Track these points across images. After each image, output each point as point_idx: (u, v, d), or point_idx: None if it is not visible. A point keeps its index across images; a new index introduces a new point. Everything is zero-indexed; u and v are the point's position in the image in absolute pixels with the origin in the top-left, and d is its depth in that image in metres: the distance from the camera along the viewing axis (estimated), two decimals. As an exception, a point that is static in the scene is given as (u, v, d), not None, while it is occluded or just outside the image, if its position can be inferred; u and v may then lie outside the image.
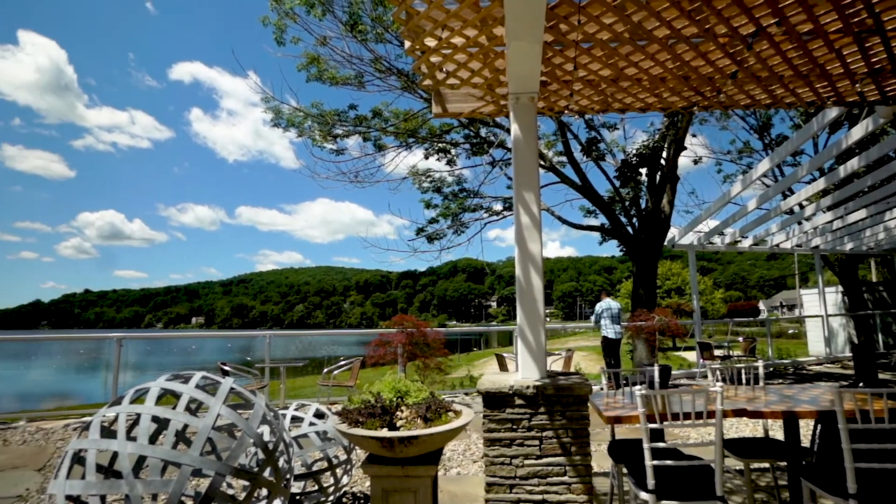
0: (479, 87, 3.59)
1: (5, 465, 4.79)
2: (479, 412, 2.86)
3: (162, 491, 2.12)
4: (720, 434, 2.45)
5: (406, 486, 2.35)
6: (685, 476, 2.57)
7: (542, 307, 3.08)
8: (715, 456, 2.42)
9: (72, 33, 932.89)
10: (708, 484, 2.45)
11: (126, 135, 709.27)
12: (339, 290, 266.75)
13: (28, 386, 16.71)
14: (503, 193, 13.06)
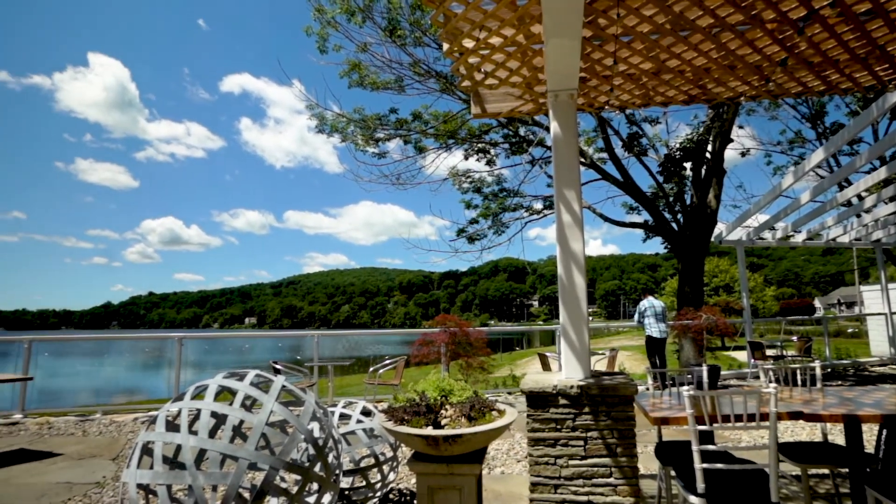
0: (517, 86, 3.55)
1: (85, 453, 5.12)
2: (523, 412, 2.83)
3: (221, 483, 2.21)
4: (774, 437, 2.32)
5: (451, 484, 2.35)
6: (737, 480, 2.45)
7: (585, 306, 3.02)
8: (769, 460, 2.30)
9: (134, 52, 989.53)
10: (762, 489, 2.33)
11: (183, 145, 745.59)
12: (382, 290, 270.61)
13: (102, 381, 17.80)
14: (543, 192, 12.93)
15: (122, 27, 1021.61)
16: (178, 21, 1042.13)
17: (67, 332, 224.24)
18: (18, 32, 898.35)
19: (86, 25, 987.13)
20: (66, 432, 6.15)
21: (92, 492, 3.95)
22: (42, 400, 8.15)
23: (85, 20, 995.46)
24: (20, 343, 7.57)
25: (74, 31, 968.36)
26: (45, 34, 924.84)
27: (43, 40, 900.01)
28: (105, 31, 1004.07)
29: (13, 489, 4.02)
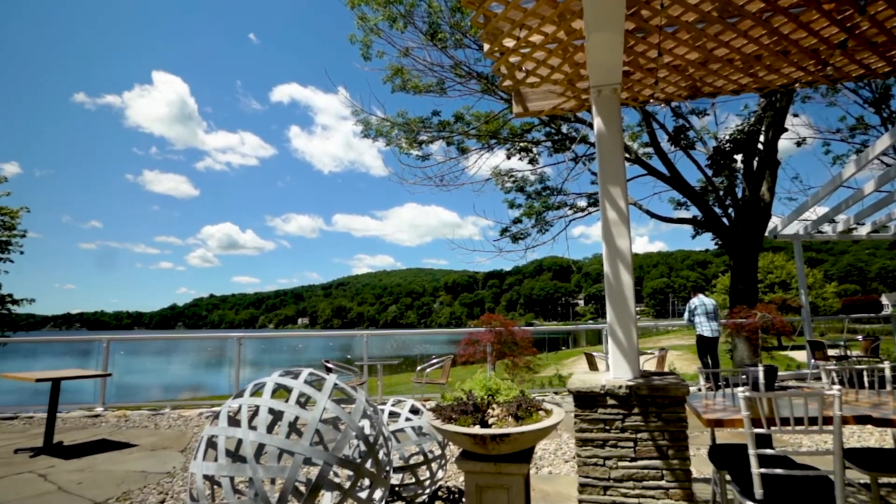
0: (559, 83, 3.49)
1: (157, 445, 5.43)
2: (570, 412, 2.78)
3: (279, 476, 2.29)
4: (839, 442, 2.16)
5: (499, 483, 2.33)
6: (798, 487, 2.30)
7: (633, 304, 2.93)
8: (834, 466, 2.15)
9: (191, 68, 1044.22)
10: (826, 497, 2.18)
11: (237, 154, 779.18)
12: (428, 290, 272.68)
13: (170, 378, 18.85)
14: (587, 189, 12.66)
15: (181, 45, 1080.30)
16: (230, 36, 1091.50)
17: (139, 332, 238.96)
18: (93, 56, 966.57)
19: (149, 46, 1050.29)
20: (140, 425, 6.54)
21: (164, 481, 4.19)
22: (119, 395, 8.71)
23: (149, 41, 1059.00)
24: (100, 342, 8.14)
25: (140, 51, 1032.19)
26: (116, 56, 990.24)
27: (113, 62, 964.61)
28: (166, 50, 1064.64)
29: (98, 475, 4.32)
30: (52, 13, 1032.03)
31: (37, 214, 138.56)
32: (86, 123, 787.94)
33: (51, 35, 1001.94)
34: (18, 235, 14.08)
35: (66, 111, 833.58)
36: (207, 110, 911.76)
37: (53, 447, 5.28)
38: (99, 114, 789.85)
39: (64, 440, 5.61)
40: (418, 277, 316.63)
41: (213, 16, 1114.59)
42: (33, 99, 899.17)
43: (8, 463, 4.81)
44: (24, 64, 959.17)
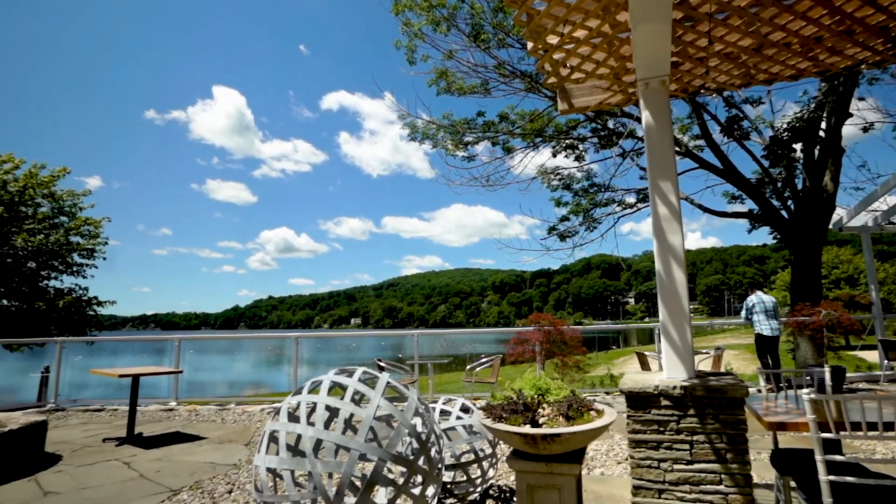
0: (604, 77, 3.41)
1: (223, 438, 5.73)
2: (622, 412, 2.70)
3: (336, 471, 2.36)
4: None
5: (550, 483, 2.30)
6: (873, 497, 2.13)
7: (687, 302, 2.81)
8: (916, 474, 1.97)
9: (247, 80, 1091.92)
10: (909, 505, 2.00)
11: (291, 161, 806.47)
12: (476, 290, 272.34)
13: (234, 375, 19.81)
14: (636, 185, 12.22)
15: (238, 59, 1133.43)
16: (282, 48, 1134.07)
17: (206, 332, 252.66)
18: (161, 76, 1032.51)
19: (210, 63, 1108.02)
20: (208, 419, 6.92)
21: (231, 472, 4.41)
22: (190, 391, 9.24)
23: (209, 58, 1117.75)
24: (172, 341, 8.68)
25: (201, 68, 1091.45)
26: (180, 74, 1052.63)
27: (178, 80, 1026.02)
28: (224, 65, 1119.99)
29: (173, 465, 4.61)
30: (123, 40, 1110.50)
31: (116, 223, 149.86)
32: (156, 138, 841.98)
33: (124, 59, 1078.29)
34: (101, 243, 15.22)
35: (139, 127, 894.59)
36: (263, 120, 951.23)
37: (135, 437, 5.68)
38: (167, 128, 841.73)
39: (143, 431, 6.02)
40: (466, 277, 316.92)
41: (266, 30, 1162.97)
42: (111, 118, 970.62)
43: (98, 451, 5.22)
44: (103, 86, 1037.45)
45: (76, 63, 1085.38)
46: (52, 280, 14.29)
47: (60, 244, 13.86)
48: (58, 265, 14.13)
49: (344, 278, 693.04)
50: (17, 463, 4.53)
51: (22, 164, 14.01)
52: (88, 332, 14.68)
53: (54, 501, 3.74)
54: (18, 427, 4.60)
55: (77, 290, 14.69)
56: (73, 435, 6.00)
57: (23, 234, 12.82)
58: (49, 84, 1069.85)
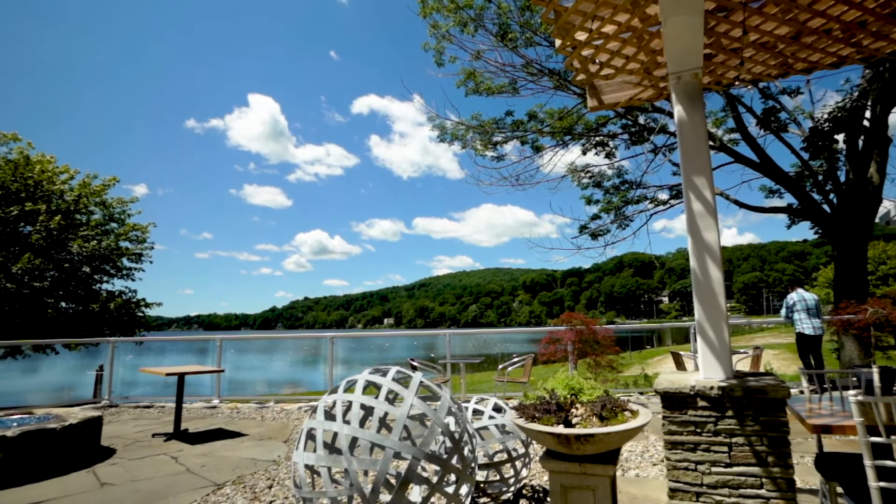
0: (635, 72, 3.33)
1: (263, 435, 5.90)
2: (657, 413, 2.64)
3: (371, 468, 2.39)
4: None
5: (584, 484, 2.27)
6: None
7: (723, 300, 2.72)
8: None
9: (281, 88, 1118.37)
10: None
11: (324, 165, 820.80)
12: (507, 290, 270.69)
13: (273, 374, 20.34)
14: (669, 181, 11.95)
15: (271, 67, 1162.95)
16: (314, 55, 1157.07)
17: (246, 332, 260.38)
18: (200, 86, 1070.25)
19: (245, 71, 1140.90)
20: (248, 416, 7.13)
21: (271, 468, 4.53)
22: (231, 389, 9.54)
23: (245, 67, 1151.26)
24: (214, 341, 8.99)
25: (237, 77, 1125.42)
26: (218, 84, 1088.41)
27: (216, 89, 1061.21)
28: (259, 73, 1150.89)
29: (217, 460, 4.78)
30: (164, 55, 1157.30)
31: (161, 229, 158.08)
32: (196, 146, 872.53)
33: (166, 71, 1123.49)
34: (148, 248, 15.90)
35: (181, 136, 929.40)
36: (296, 126, 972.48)
37: (181, 433, 5.91)
38: (206, 136, 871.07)
39: (189, 428, 6.26)
40: (497, 277, 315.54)
41: (298, 38, 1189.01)
42: (156, 128, 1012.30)
43: (148, 445, 5.45)
44: (147, 99, 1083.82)
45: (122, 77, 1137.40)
46: (105, 283, 15.02)
47: (111, 249, 14.54)
48: (109, 269, 14.84)
49: (376, 279, 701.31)
50: (76, 455, 4.79)
51: (76, 174, 14.80)
52: (138, 332, 15.35)
53: (110, 492, 3.93)
54: (77, 422, 4.86)
55: (127, 292, 15.39)
56: (126, 430, 6.29)
57: (78, 241, 13.53)
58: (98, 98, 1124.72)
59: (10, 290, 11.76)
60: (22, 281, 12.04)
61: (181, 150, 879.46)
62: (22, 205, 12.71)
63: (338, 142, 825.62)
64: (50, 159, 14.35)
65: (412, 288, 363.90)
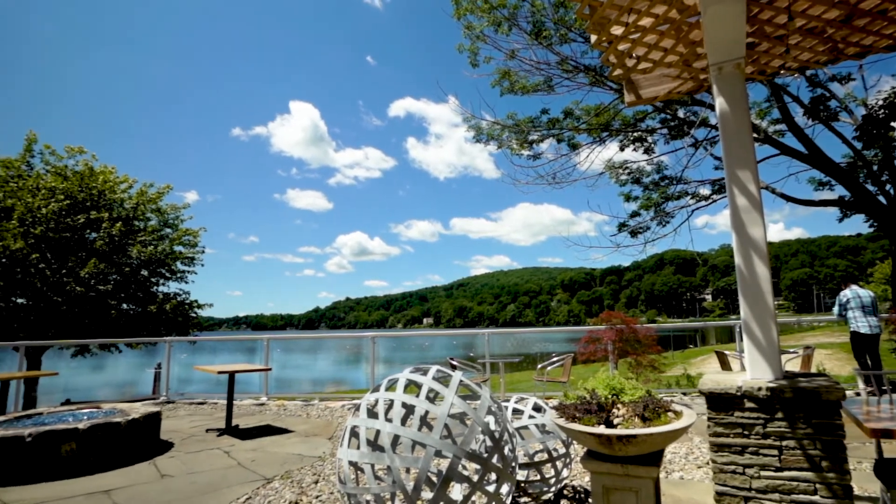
0: (673, 65, 3.24)
1: (309, 432, 6.07)
2: (701, 414, 2.55)
3: (413, 466, 2.42)
4: None
5: (627, 486, 2.22)
6: None
7: (771, 298, 2.60)
8: None
9: (320, 94, 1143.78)
10: None
11: (363, 168, 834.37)
12: (545, 289, 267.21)
13: (317, 373, 20.91)
14: (710, 176, 11.44)
15: (311, 75, 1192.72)
16: (351, 61, 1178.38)
17: (291, 332, 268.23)
18: (244, 95, 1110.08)
19: (287, 79, 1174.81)
20: (294, 413, 7.35)
21: (316, 464, 4.66)
22: (278, 387, 9.89)
23: (286, 75, 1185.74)
24: (261, 341, 9.32)
25: (279, 85, 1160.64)
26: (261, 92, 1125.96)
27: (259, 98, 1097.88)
28: (299, 80, 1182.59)
29: (266, 455, 4.96)
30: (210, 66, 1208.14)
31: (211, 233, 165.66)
32: (242, 153, 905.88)
33: (213, 83, 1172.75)
34: (199, 251, 16.63)
35: (228, 144, 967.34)
36: (336, 131, 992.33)
37: (232, 429, 6.16)
38: (251, 144, 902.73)
39: (239, 424, 6.51)
40: (534, 276, 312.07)
41: (336, 45, 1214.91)
42: (205, 137, 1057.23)
43: (202, 440, 5.72)
44: (196, 110, 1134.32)
45: (174, 92, 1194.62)
46: (161, 286, 15.81)
47: (166, 253, 15.30)
48: (165, 272, 15.60)
49: (415, 279, 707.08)
50: (139, 447, 5.07)
51: (135, 183, 15.67)
52: (191, 332, 16.08)
53: (170, 483, 4.15)
54: (139, 416, 5.15)
55: (181, 294, 16.15)
56: (182, 425, 6.62)
57: (137, 246, 14.31)
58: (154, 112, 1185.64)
59: (79, 292, 12.57)
60: (89, 284, 12.85)
61: (228, 158, 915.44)
62: (88, 213, 13.56)
63: (376, 145, 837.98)
64: (111, 170, 15.24)
65: (450, 288, 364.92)
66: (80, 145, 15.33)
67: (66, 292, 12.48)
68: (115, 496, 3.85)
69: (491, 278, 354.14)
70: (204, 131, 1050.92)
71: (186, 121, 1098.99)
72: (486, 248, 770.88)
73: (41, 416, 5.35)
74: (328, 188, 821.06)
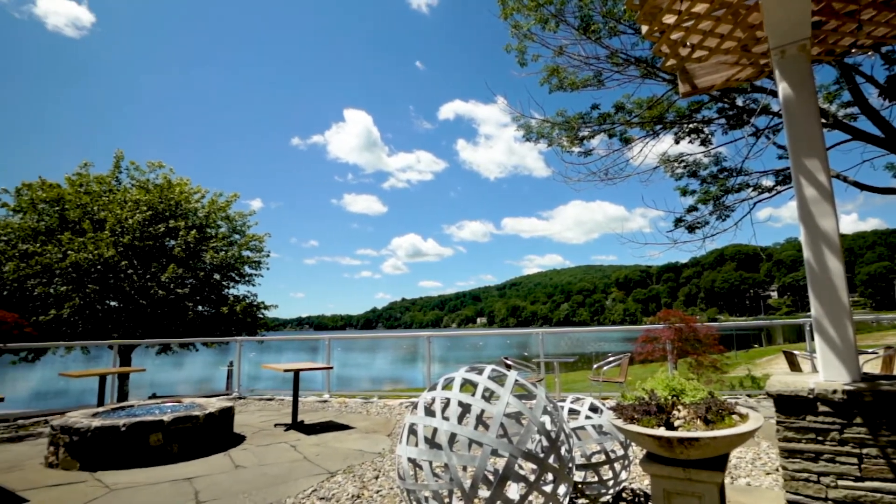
0: (731, 52, 3.07)
1: (369, 429, 6.23)
2: (769, 417, 2.39)
3: (470, 464, 2.44)
4: None
5: (689, 490, 2.13)
6: None
7: (846, 294, 2.40)
8: None
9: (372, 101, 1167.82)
10: None
11: (415, 172, 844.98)
12: (599, 287, 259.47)
13: (376, 371, 21.40)
14: (774, 166, 10.63)
15: (364, 82, 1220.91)
16: (401, 67, 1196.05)
17: (350, 332, 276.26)
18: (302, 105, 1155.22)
19: (341, 88, 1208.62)
20: (355, 411, 7.57)
21: (376, 459, 4.78)
22: (339, 384, 10.21)
23: (340, 84, 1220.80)
24: (323, 341, 9.68)
25: (334, 94, 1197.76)
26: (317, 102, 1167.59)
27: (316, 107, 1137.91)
28: (352, 88, 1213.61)
29: (329, 450, 5.15)
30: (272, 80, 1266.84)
31: (275, 238, 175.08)
32: (301, 161, 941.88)
33: (273, 95, 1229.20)
34: (265, 256, 17.52)
35: (288, 153, 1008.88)
36: (388, 136, 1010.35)
37: (298, 424, 6.44)
38: (309, 152, 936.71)
39: (304, 419, 6.79)
40: (588, 274, 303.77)
41: (386, 53, 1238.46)
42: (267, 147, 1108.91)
43: (271, 434, 6.02)
44: (259, 121, 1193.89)
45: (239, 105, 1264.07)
46: (231, 289, 16.80)
47: (235, 258, 16.24)
48: (234, 276, 16.57)
49: (468, 279, 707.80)
50: (215, 439, 5.42)
51: (207, 192, 16.75)
52: (259, 332, 16.96)
53: (243, 474, 4.40)
54: (215, 410, 5.50)
55: (249, 296, 17.08)
56: (252, 420, 6.99)
57: (210, 252, 15.29)
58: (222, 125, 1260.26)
59: (161, 295, 13.60)
60: (168, 288, 13.87)
61: (288, 166, 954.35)
62: (167, 222, 14.65)
63: (427, 148, 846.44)
64: (186, 181, 16.38)
65: (503, 287, 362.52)
66: (158, 160, 16.60)
67: (150, 295, 13.53)
68: (195, 484, 4.13)
69: (544, 277, 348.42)
70: (265, 142, 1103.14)
71: (251, 134, 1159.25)
72: (537, 247, 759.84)
73: (133, 408, 5.83)
74: (382, 192, 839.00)
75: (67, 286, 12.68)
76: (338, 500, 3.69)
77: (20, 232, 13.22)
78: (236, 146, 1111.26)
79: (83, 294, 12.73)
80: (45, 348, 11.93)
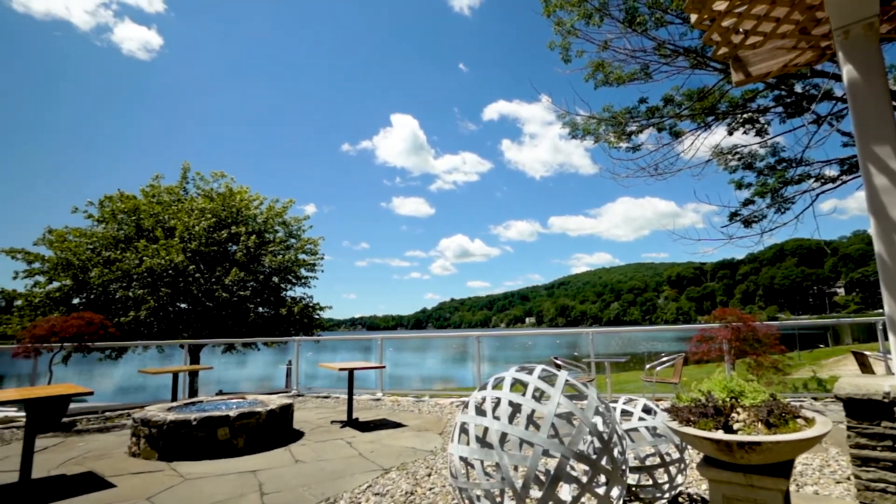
0: (788, 35, 2.90)
1: (421, 427, 6.32)
2: (837, 422, 2.23)
3: (521, 464, 2.44)
4: None
5: (750, 497, 2.02)
6: None
7: (928, 292, 2.20)
8: None
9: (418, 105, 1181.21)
10: None
11: (461, 173, 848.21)
12: (650, 286, 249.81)
13: (426, 371, 21.65)
14: (838, 154, 9.83)
15: (409, 87, 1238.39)
16: (445, 70, 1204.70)
17: (401, 332, 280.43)
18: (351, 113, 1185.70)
19: (388, 94, 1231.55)
20: (407, 409, 7.70)
21: (429, 457, 4.85)
22: (392, 383, 10.41)
23: (387, 91, 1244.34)
24: (375, 340, 9.90)
25: (381, 100, 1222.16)
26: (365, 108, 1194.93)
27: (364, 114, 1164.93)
28: (398, 94, 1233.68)
29: (383, 447, 5.27)
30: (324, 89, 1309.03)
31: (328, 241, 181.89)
32: (351, 166, 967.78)
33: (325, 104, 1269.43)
34: (319, 259, 18.14)
35: (339, 159, 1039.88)
36: (434, 139, 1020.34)
37: (353, 422, 6.63)
38: (358, 157, 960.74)
39: (359, 417, 6.98)
40: (638, 272, 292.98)
41: (430, 57, 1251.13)
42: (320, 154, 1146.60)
43: (328, 430, 6.23)
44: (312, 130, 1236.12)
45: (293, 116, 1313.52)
46: (289, 291, 17.50)
47: (292, 261, 16.91)
48: (291, 278, 17.25)
49: (516, 279, 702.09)
50: (276, 434, 5.68)
51: (264, 199, 17.56)
52: (315, 332, 17.56)
53: (303, 468, 4.59)
54: (276, 407, 5.76)
55: (305, 298, 17.73)
56: (310, 416, 7.26)
57: (268, 256, 16.02)
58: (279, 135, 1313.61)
59: (225, 298, 14.39)
60: (231, 290, 14.65)
61: (340, 171, 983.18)
62: (229, 228, 15.51)
63: (472, 149, 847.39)
64: (246, 189, 17.26)
65: (551, 287, 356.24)
66: (220, 170, 17.61)
67: (215, 298, 14.34)
68: (259, 476, 4.35)
69: (592, 276, 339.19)
70: (317, 149, 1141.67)
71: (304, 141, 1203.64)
72: (585, 245, 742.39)
73: (202, 404, 6.21)
74: (430, 194, 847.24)
75: (143, 290, 13.67)
76: (392, 496, 3.77)
77: (103, 240, 14.39)
78: (290, 154, 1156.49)
79: (157, 297, 13.68)
80: (125, 347, 12.90)
